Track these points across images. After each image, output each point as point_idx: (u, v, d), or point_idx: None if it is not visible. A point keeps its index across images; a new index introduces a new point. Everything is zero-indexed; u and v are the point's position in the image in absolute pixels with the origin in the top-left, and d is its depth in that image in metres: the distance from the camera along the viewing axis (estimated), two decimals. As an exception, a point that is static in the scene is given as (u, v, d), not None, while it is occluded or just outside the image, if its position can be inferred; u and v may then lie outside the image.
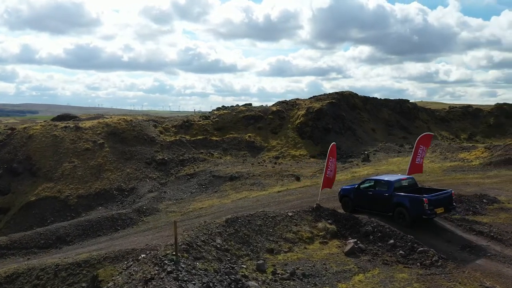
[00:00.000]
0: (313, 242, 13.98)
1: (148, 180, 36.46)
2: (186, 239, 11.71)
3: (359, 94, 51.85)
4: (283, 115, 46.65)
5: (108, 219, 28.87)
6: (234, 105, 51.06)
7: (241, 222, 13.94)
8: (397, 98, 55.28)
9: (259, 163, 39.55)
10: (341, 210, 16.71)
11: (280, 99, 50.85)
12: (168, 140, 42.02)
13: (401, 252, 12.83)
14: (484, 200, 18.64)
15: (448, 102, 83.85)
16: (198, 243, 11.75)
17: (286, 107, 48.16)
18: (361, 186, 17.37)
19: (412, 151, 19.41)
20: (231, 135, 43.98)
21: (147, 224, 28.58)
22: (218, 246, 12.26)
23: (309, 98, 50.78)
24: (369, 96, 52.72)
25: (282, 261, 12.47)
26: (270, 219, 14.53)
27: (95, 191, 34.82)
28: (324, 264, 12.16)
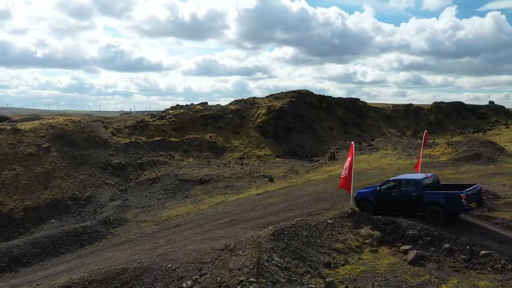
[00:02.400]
0: (363, 251, 12.80)
1: (105, 187, 32.86)
2: (253, 260, 9.85)
3: (314, 93, 52.03)
4: (243, 114, 45.13)
5: (71, 234, 25.31)
6: (189, 103, 48.41)
7: (287, 234, 12.34)
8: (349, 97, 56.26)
9: (225, 164, 37.68)
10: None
11: (206, 99, 49.93)
12: (123, 142, 38.45)
13: (462, 256, 12.11)
14: (490, 196, 18.81)
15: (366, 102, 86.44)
16: (264, 264, 9.96)
17: (245, 106, 46.70)
18: (382, 187, 16.55)
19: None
20: (190, 136, 41.51)
21: (118, 237, 25.51)
22: (279, 264, 10.58)
23: (266, 96, 49.84)
24: (324, 95, 53.18)
25: (347, 276, 11.11)
26: (314, 228, 13.10)
27: (45, 201, 30.51)
28: (396, 276, 11.02)
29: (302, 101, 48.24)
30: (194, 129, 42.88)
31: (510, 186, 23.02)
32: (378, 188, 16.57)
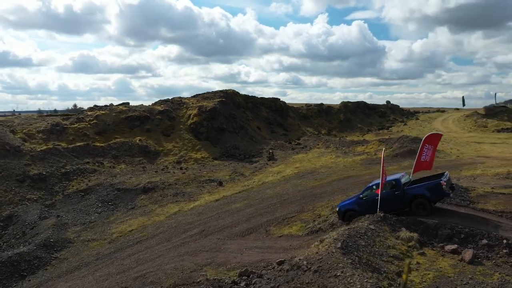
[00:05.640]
0: (413, 255, 12.59)
1: (28, 203, 27.84)
2: (369, 280, 8.82)
3: (241, 93, 51.37)
4: (172, 115, 42.38)
5: (5, 265, 20.71)
6: (108, 104, 43.75)
7: (351, 246, 11.50)
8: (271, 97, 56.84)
9: (162, 169, 34.86)
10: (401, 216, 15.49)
11: (84, 98, 46.90)
12: (39, 150, 33.05)
13: (504, 251, 12.62)
14: (461, 189, 20.33)
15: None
16: (374, 283, 9.01)
17: (173, 106, 43.94)
18: (364, 195, 17.20)
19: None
20: (117, 140, 37.52)
21: (67, 262, 21.65)
22: (371, 281, 9.72)
23: (193, 96, 47.66)
24: (249, 95, 52.82)
25: (425, 284, 10.73)
26: (365, 237, 12.47)
27: (-50, 226, 24.59)
28: (471, 278, 10.97)
29: (230, 101, 47.24)
30: (119, 132, 38.91)
31: (458, 178, 25.29)
32: (360, 196, 17.07)
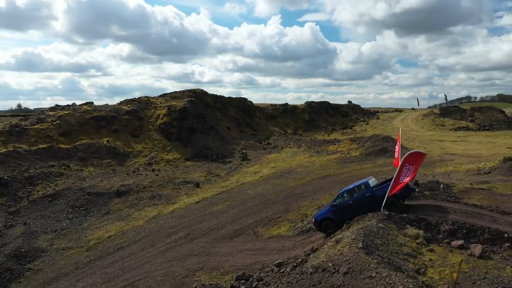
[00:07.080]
0: (423, 252, 12.71)
1: (-11, 211, 25.67)
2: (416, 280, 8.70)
3: (209, 93, 50.49)
4: (140, 115, 40.84)
5: (-28, 279, 18.82)
6: (70, 103, 41.41)
7: (371, 245, 11.40)
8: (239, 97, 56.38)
9: (134, 172, 33.45)
10: (405, 214, 15.62)
11: (28, 98, 45.28)
12: (-2, 152, 30.63)
13: (506, 244, 13.03)
14: (444, 186, 20.98)
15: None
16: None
17: (140, 106, 42.36)
18: (337, 202, 17.18)
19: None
20: (83, 141, 35.58)
21: (42, 273, 20.13)
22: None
23: (161, 95, 46.20)
24: (217, 95, 52.01)
25: (445, 281, 10.83)
26: (378, 235, 12.43)
27: None
28: (486, 273, 11.18)
29: (199, 101, 46.31)
30: (85, 133, 36.94)
31: (434, 175, 26.18)
32: (333, 204, 17.20)
